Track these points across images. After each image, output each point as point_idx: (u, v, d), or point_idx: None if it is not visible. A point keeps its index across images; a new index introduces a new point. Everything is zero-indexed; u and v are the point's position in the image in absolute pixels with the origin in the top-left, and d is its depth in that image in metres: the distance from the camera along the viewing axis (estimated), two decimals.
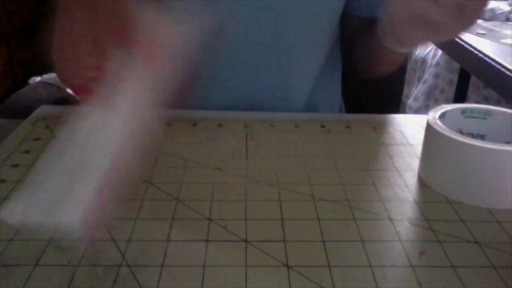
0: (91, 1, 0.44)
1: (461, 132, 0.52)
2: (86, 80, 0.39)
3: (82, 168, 0.35)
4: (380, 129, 0.62)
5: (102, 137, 0.37)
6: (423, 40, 0.50)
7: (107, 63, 0.39)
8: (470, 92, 2.04)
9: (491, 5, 1.94)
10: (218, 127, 0.61)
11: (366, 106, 0.98)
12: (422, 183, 0.50)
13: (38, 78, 1.51)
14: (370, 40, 0.60)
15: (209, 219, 0.43)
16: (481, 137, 0.52)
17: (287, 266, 0.38)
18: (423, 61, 2.23)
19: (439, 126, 0.47)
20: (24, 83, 1.62)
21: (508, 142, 0.50)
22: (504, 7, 1.88)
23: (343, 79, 0.84)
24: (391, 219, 0.44)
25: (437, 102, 2.15)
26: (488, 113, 0.52)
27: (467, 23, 0.45)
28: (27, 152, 0.54)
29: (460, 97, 1.94)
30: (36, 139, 0.57)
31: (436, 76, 2.14)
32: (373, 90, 1.04)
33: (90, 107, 0.38)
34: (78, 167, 0.35)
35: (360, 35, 0.69)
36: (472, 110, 0.52)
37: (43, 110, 0.65)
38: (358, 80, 1.02)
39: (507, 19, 1.84)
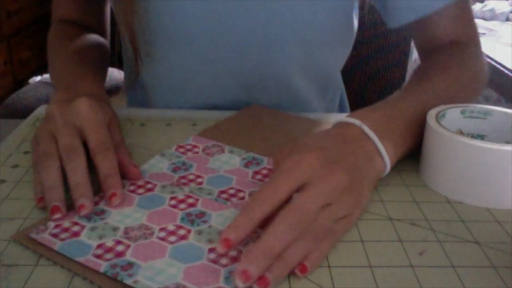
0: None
1: (461, 132, 0.52)
2: None
3: None
4: None
5: None
6: None
7: None
8: None
9: (491, 5, 1.94)
10: None
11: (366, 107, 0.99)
12: (422, 183, 0.50)
13: (38, 78, 1.51)
14: None
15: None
16: (481, 137, 0.52)
17: None
18: None
19: (439, 126, 0.47)
20: (24, 83, 1.62)
21: (508, 142, 0.50)
22: (504, 7, 1.88)
23: (345, 81, 0.84)
24: (391, 219, 0.44)
25: None
26: (488, 113, 0.52)
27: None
28: (27, 152, 0.54)
29: None
30: None
31: None
32: (373, 91, 1.04)
33: None
34: None
35: None
36: (472, 110, 0.52)
37: (43, 110, 0.65)
38: (358, 82, 1.03)
39: (507, 19, 1.84)
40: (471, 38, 0.66)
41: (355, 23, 0.71)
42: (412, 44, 1.02)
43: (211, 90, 0.68)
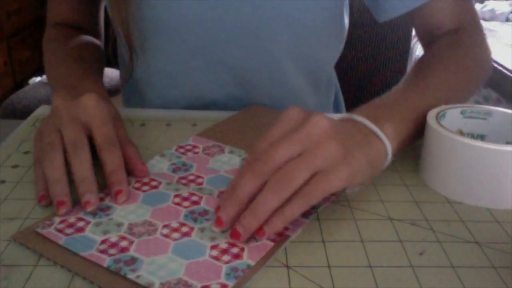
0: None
1: (461, 132, 0.52)
2: None
3: None
4: None
5: None
6: None
7: None
8: None
9: (491, 5, 1.94)
10: None
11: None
12: (422, 183, 0.50)
13: (38, 78, 1.51)
14: None
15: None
16: (481, 137, 0.52)
17: (287, 267, 0.38)
18: None
19: (439, 126, 0.47)
20: (24, 83, 1.62)
21: (508, 142, 0.50)
22: (504, 7, 1.88)
23: (344, 80, 0.84)
24: (391, 219, 0.44)
25: None
26: (488, 113, 0.52)
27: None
28: (27, 152, 0.54)
29: None
30: None
31: None
32: (373, 90, 1.04)
33: None
34: None
35: None
36: (472, 110, 0.52)
37: (43, 110, 0.65)
38: (357, 80, 1.03)
39: (507, 19, 1.84)
40: (472, 24, 0.65)
41: (346, 19, 0.71)
42: (412, 43, 1.02)
43: (205, 84, 0.68)
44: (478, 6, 2.04)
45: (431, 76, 0.56)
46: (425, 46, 0.68)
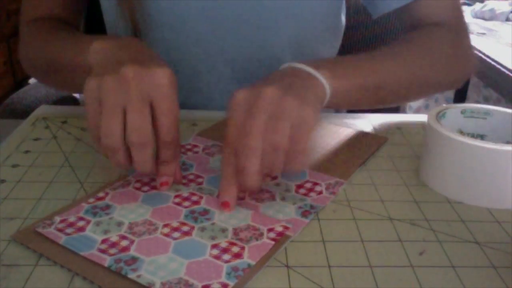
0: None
1: (461, 132, 0.52)
2: None
3: None
4: (380, 129, 0.62)
5: None
6: None
7: None
8: (470, 92, 2.04)
9: (491, 5, 1.94)
10: None
11: None
12: (422, 183, 0.50)
13: None
14: None
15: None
16: (481, 137, 0.52)
17: (287, 266, 0.38)
18: None
19: (439, 126, 0.47)
20: (24, 83, 1.62)
21: (508, 142, 0.50)
22: (504, 7, 1.88)
23: None
24: (391, 219, 0.44)
25: (437, 102, 2.15)
26: (488, 113, 0.52)
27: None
28: (27, 152, 0.54)
29: (460, 97, 1.94)
30: (36, 139, 0.57)
31: None
32: None
33: None
34: None
35: None
36: (472, 110, 0.52)
37: (43, 110, 0.65)
38: None
39: (507, 19, 1.84)
40: (456, 23, 0.67)
41: (343, 17, 0.72)
42: None
43: (203, 76, 0.68)
44: (478, 6, 2.04)
45: (390, 49, 0.59)
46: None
